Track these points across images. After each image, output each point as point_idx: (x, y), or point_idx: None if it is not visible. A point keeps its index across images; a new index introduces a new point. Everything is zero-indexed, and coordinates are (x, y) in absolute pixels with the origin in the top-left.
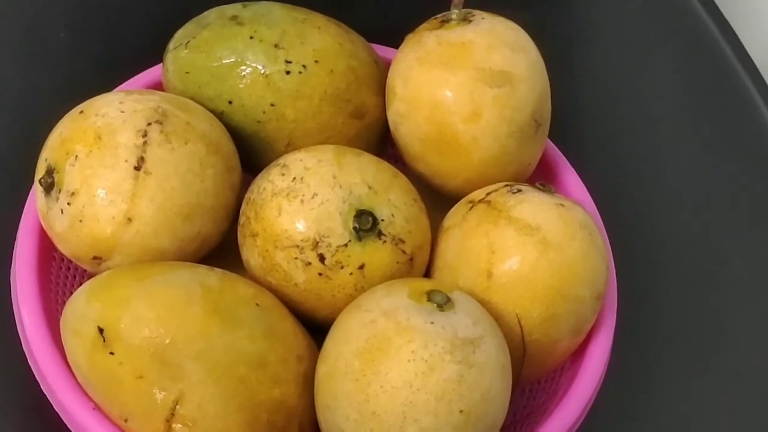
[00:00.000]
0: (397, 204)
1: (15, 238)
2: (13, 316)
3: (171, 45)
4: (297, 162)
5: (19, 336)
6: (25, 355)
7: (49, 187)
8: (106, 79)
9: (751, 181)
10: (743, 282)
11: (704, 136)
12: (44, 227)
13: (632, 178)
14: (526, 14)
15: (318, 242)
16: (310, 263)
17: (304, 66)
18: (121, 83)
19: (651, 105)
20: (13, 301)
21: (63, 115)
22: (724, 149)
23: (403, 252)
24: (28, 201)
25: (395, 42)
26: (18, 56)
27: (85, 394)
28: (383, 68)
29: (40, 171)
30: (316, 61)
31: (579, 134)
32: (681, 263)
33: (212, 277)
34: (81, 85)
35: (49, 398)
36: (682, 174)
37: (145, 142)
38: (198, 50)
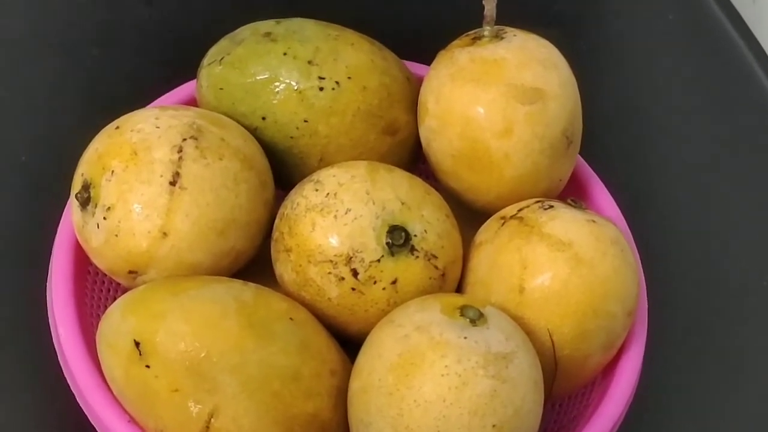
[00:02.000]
0: (429, 220)
1: (51, 252)
2: (50, 329)
3: (205, 61)
4: (330, 178)
5: (55, 349)
6: (62, 369)
7: (85, 202)
8: (139, 96)
9: None
10: None
11: (735, 152)
12: (80, 241)
13: (663, 194)
14: (556, 30)
15: (351, 257)
16: (343, 278)
17: (337, 82)
18: (153, 99)
19: (682, 121)
20: (49, 315)
21: (97, 132)
22: (755, 165)
23: (436, 267)
24: (63, 215)
25: (428, 58)
26: (51, 74)
27: (121, 407)
28: (415, 85)
29: (77, 186)
30: (349, 78)
31: (609, 150)
32: (711, 278)
33: (246, 291)
34: (114, 102)
35: (85, 411)
36: (714, 190)
37: (180, 158)
38: (232, 66)
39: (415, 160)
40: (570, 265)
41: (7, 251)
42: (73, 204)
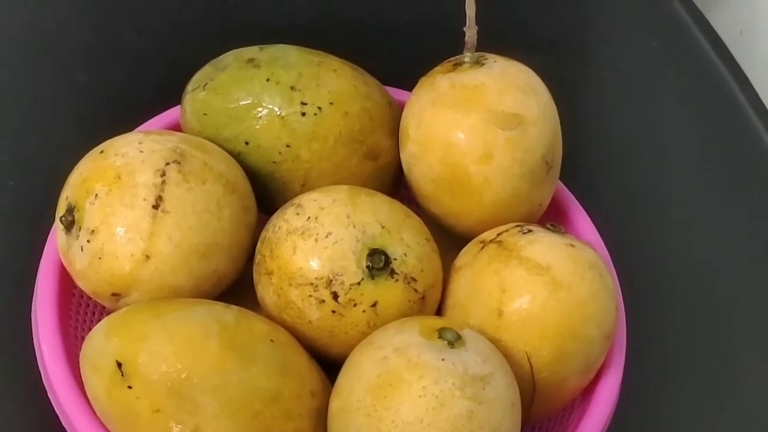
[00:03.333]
0: (409, 243)
1: (36, 275)
2: (34, 350)
3: (189, 87)
4: (312, 202)
5: (39, 370)
6: (46, 389)
7: (69, 225)
8: (125, 120)
9: (761, 224)
10: (753, 321)
11: (715, 177)
12: (64, 264)
13: (642, 219)
14: (537, 57)
15: (332, 280)
16: (323, 301)
17: (319, 108)
18: (139, 124)
19: (661, 147)
20: (33, 336)
21: (82, 155)
22: (734, 191)
23: (415, 290)
24: (48, 238)
25: (409, 84)
26: (38, 97)
27: (104, 427)
28: (397, 110)
29: (61, 209)
30: (331, 103)
31: (589, 175)
32: (690, 303)
33: (228, 314)
34: (99, 126)
35: (68, 431)
36: (692, 215)
37: (163, 182)
38: (215, 92)
39: (397, 184)
40: (548, 289)
41: None
42: (57, 227)
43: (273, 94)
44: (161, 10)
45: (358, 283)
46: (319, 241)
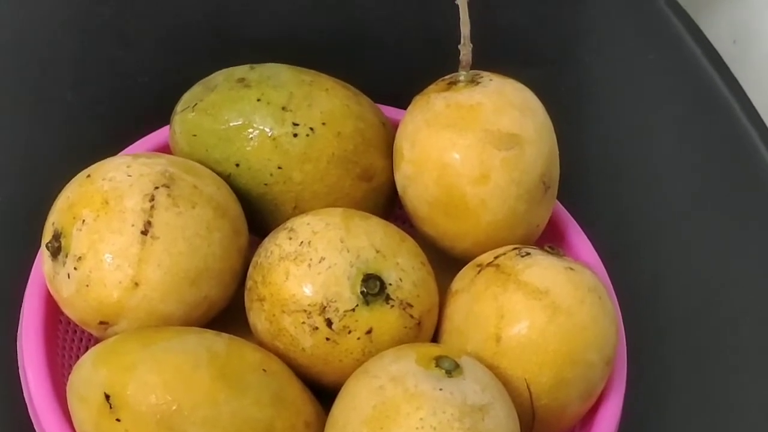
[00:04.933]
0: (405, 268)
1: (21, 302)
2: (20, 380)
3: (178, 107)
4: (304, 226)
5: (25, 400)
6: (31, 419)
7: (55, 252)
8: (113, 140)
9: (762, 241)
10: (753, 345)
11: (714, 195)
12: (51, 291)
13: (643, 238)
14: (536, 72)
15: (325, 307)
16: (317, 328)
17: (311, 128)
18: (127, 144)
19: (660, 164)
20: (19, 365)
21: (68, 176)
22: (735, 208)
23: (411, 316)
24: (34, 264)
25: (403, 102)
26: (23, 116)
27: None
28: (391, 130)
29: (47, 235)
30: (324, 124)
31: (587, 193)
32: (691, 324)
33: (219, 342)
34: (87, 146)
35: None
36: (694, 234)
37: (152, 207)
38: (205, 113)
39: (391, 205)
40: (547, 314)
41: None
42: (43, 253)
43: (264, 114)
44: (150, 27)
45: (353, 310)
46: (312, 267)
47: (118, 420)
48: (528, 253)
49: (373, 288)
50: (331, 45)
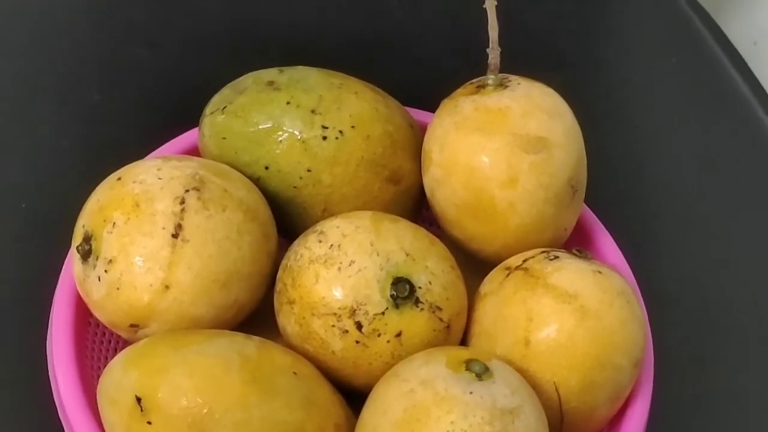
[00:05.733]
0: (434, 271)
1: (50, 301)
2: (50, 383)
3: (207, 110)
4: (334, 229)
5: (55, 403)
6: (62, 423)
7: (86, 254)
8: (140, 143)
9: None
10: None
11: (738, 195)
12: (81, 294)
13: (667, 240)
14: (559, 76)
15: (355, 310)
16: (347, 331)
17: (340, 131)
18: (154, 146)
19: (684, 166)
20: (49, 368)
21: (95, 179)
22: (759, 208)
23: (441, 319)
24: (64, 266)
25: (431, 105)
26: (52, 118)
27: None
28: (419, 132)
29: (78, 238)
30: (353, 127)
31: (613, 197)
32: (719, 326)
33: (250, 345)
34: (114, 148)
35: None
36: (718, 235)
37: (182, 210)
38: (235, 115)
39: (419, 208)
40: (576, 317)
41: (7, 300)
42: (74, 256)
43: (293, 117)
44: (177, 28)
45: (383, 313)
46: (342, 270)
47: (149, 423)
48: (556, 257)
49: (403, 291)
50: (360, 48)
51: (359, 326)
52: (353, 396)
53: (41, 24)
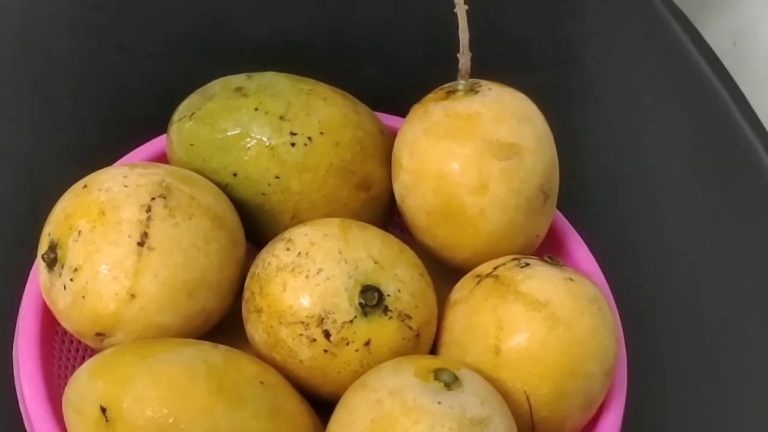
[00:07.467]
0: (403, 279)
1: (17, 311)
2: (15, 392)
3: (175, 116)
4: (302, 236)
5: (21, 413)
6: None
7: (51, 263)
8: (109, 148)
9: (760, 246)
10: (755, 349)
11: (713, 201)
12: (47, 302)
13: (641, 246)
14: (532, 79)
15: (323, 318)
16: (315, 340)
17: (309, 138)
18: (123, 150)
19: (660, 171)
20: (15, 377)
21: (64, 184)
22: (734, 214)
23: (410, 328)
24: (31, 274)
25: (401, 110)
26: (19, 123)
27: None
28: (389, 138)
29: (43, 246)
30: (322, 133)
31: (587, 202)
32: (693, 333)
33: (216, 354)
34: (83, 153)
35: None
36: (692, 240)
37: (149, 218)
38: (203, 122)
39: (390, 215)
40: (547, 325)
41: None
42: (39, 264)
43: (262, 124)
44: (148, 35)
45: (351, 321)
46: (310, 278)
47: None
48: (527, 264)
49: (371, 299)
50: (330, 53)
51: (327, 335)
52: (321, 405)
53: (12, 28)
